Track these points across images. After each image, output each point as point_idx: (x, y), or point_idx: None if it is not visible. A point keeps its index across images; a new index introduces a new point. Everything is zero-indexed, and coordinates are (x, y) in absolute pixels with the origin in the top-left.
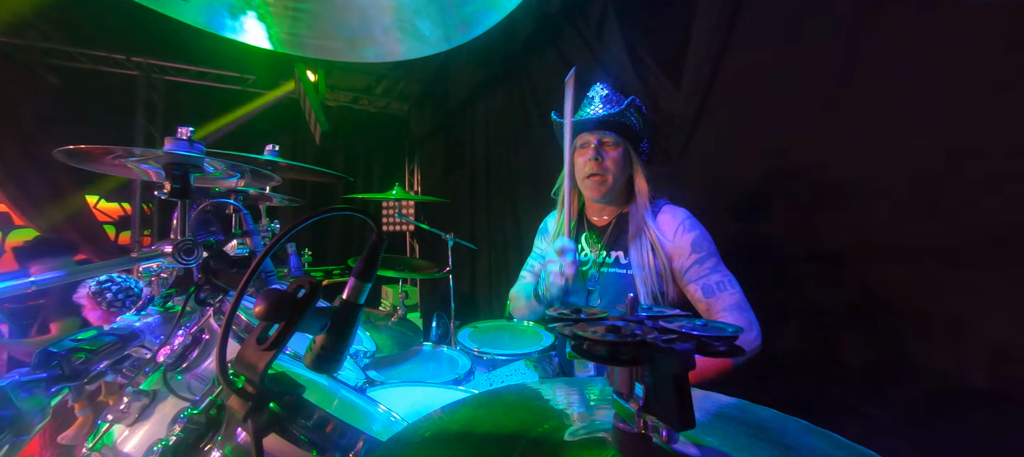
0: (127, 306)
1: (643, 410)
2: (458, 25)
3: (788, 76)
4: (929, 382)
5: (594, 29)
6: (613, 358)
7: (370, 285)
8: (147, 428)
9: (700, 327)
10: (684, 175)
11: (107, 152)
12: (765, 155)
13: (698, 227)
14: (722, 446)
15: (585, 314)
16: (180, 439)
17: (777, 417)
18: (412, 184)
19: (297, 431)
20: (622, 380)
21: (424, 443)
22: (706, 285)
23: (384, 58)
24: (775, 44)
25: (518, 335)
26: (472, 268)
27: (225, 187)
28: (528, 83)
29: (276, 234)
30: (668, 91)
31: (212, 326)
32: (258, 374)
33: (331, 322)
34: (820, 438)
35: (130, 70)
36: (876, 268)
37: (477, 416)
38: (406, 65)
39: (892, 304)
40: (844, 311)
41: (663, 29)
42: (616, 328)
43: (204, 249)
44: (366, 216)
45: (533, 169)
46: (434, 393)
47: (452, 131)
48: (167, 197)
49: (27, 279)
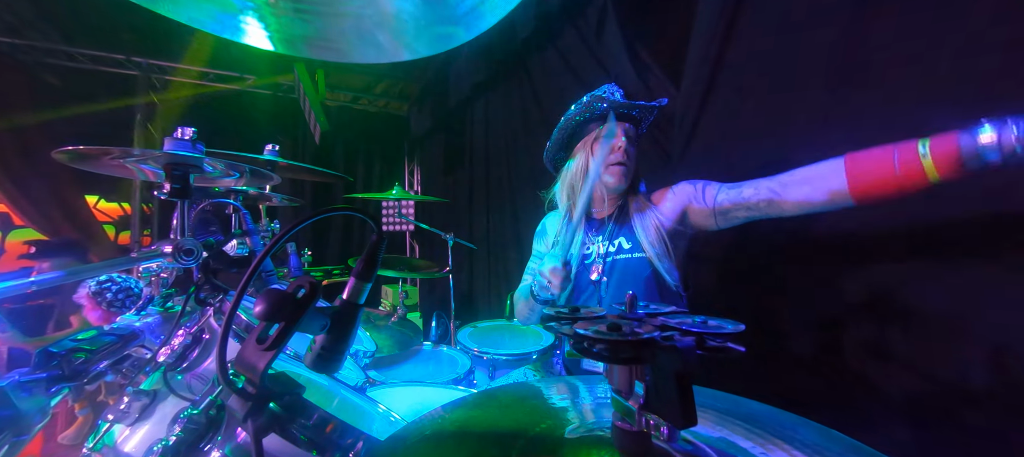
0: (127, 306)
1: (644, 408)
2: (451, 30)
3: (788, 75)
4: (929, 382)
5: (594, 29)
6: (614, 356)
7: (370, 285)
8: (147, 428)
9: (699, 323)
10: (684, 175)
11: (107, 152)
12: (765, 155)
13: (679, 181)
14: (718, 442)
15: (582, 312)
16: (180, 439)
17: (771, 412)
18: (412, 184)
19: (297, 431)
20: (622, 378)
21: (424, 442)
22: (733, 186)
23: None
24: (775, 44)
25: (518, 335)
26: (472, 268)
27: (225, 187)
28: (528, 83)
29: (276, 234)
30: (668, 91)
31: (212, 326)
32: (258, 374)
33: (331, 322)
34: (815, 432)
35: (130, 70)
36: (876, 268)
37: (476, 415)
38: (406, 65)
39: (892, 304)
40: (844, 311)
41: (663, 29)
42: (617, 326)
43: (204, 249)
44: (366, 216)
45: (533, 169)
46: (434, 393)
47: (452, 131)
48: (167, 197)
49: (27, 279)
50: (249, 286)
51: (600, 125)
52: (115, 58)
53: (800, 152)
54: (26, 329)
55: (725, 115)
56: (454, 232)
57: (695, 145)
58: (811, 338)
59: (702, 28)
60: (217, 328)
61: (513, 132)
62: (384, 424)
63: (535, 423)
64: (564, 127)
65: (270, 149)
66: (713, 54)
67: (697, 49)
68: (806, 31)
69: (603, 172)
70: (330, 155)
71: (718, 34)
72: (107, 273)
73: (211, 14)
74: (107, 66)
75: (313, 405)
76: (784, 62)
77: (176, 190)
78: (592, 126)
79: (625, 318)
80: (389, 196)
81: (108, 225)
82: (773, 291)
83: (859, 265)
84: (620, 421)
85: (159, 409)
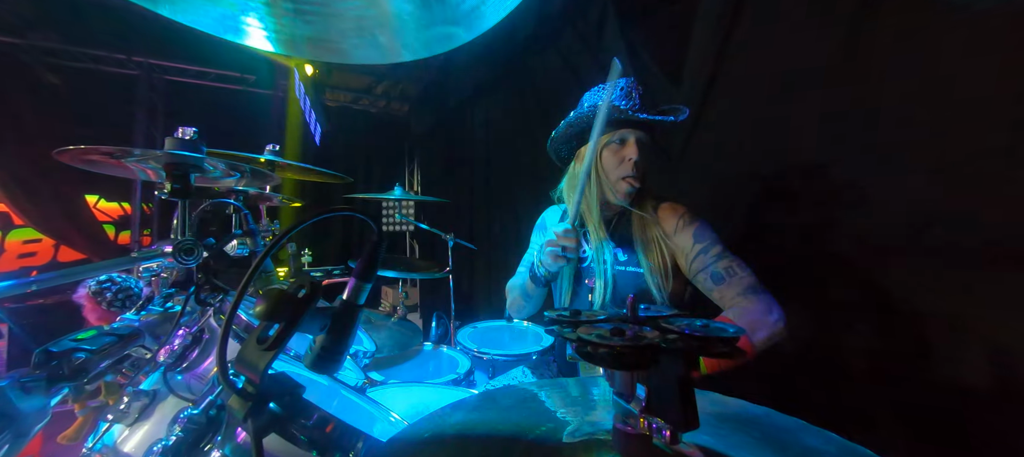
0: (127, 306)
1: (645, 411)
2: (449, 34)
3: (788, 75)
4: (930, 383)
5: (594, 29)
6: (617, 362)
7: (370, 286)
8: (147, 428)
9: (701, 328)
10: (684, 175)
11: (107, 152)
12: (765, 155)
13: (698, 219)
14: (720, 445)
15: (585, 316)
16: (180, 439)
17: (774, 416)
18: (412, 184)
19: (297, 431)
20: (623, 381)
21: (423, 444)
22: (714, 273)
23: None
24: (775, 43)
25: (518, 336)
26: (472, 268)
27: (225, 187)
28: (528, 83)
29: (276, 234)
30: (668, 91)
31: (212, 326)
32: (258, 374)
33: (331, 322)
34: (817, 437)
35: (130, 70)
36: (877, 268)
37: (476, 417)
38: (406, 65)
39: (893, 304)
40: (845, 311)
41: (663, 29)
42: (620, 331)
43: (204, 249)
44: (366, 217)
45: (533, 169)
46: (434, 393)
47: (452, 131)
48: (167, 197)
49: (27, 279)
50: (249, 286)
51: (612, 131)
52: (115, 58)
53: (800, 152)
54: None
55: (725, 115)
56: (454, 232)
57: (695, 145)
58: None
59: (702, 28)
60: (217, 328)
61: (513, 132)
62: (384, 424)
63: (534, 426)
64: (575, 123)
65: (270, 149)
66: (713, 54)
67: (697, 49)
68: (806, 31)
69: (611, 181)
70: (330, 155)
71: (718, 34)
72: (107, 273)
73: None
74: (107, 66)
75: (313, 405)
76: (784, 62)
77: (176, 190)
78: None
79: (627, 322)
80: (389, 196)
81: (108, 225)
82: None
83: (858, 271)
84: (621, 423)
85: (159, 409)
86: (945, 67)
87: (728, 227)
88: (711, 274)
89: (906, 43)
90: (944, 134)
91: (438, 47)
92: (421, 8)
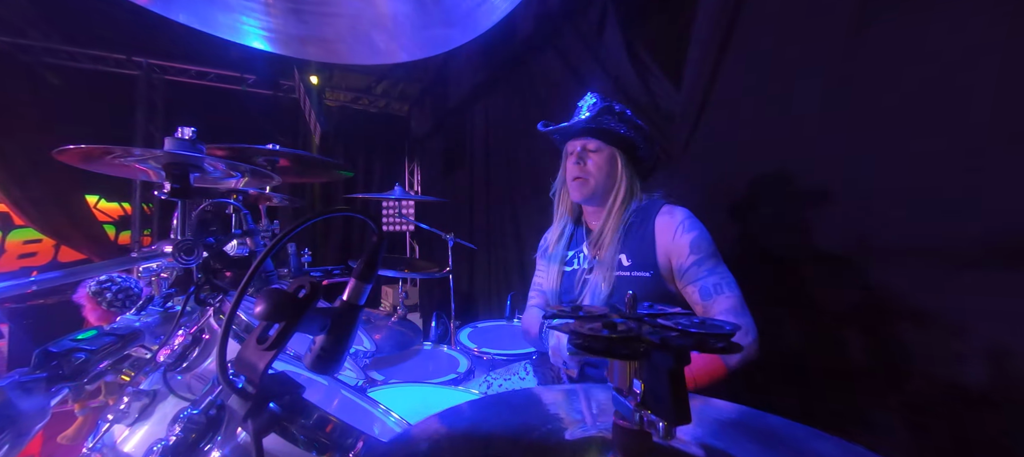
0: (127, 306)
1: (640, 405)
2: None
3: (788, 75)
4: (930, 383)
5: (594, 29)
6: (608, 351)
7: (370, 286)
8: (147, 428)
9: (697, 324)
10: (684, 175)
11: (107, 152)
12: (765, 155)
13: (698, 227)
14: (729, 450)
15: (584, 311)
16: (180, 439)
17: (786, 425)
18: (412, 184)
19: (297, 431)
20: (621, 376)
21: (424, 445)
22: (704, 287)
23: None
24: (775, 43)
25: (518, 335)
26: (472, 268)
27: (225, 187)
28: (528, 83)
29: (276, 234)
30: (668, 91)
31: (212, 326)
32: (258, 374)
33: (331, 323)
34: (830, 444)
35: (130, 70)
36: (877, 268)
37: (477, 418)
38: (406, 65)
39: (893, 304)
40: (845, 311)
41: (663, 29)
42: (612, 324)
43: (204, 249)
44: (366, 218)
45: (533, 169)
46: (434, 393)
47: (452, 131)
48: (167, 197)
49: (27, 279)
50: (249, 286)
51: (568, 142)
52: (115, 58)
53: (800, 152)
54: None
55: (725, 115)
56: (454, 232)
57: (695, 145)
58: (810, 351)
59: (702, 28)
60: (217, 328)
61: (513, 132)
62: (384, 424)
63: (537, 427)
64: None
65: (270, 148)
66: (713, 54)
67: (697, 49)
68: (806, 31)
69: (567, 185)
70: (330, 155)
71: (718, 34)
72: (107, 273)
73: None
74: (107, 66)
75: (313, 405)
76: (784, 62)
77: (176, 190)
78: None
79: (624, 317)
80: (389, 196)
81: (108, 225)
82: (778, 300)
83: (859, 271)
84: (620, 419)
85: (159, 409)
86: (946, 67)
87: (727, 227)
88: (700, 288)
89: (906, 43)
90: (944, 134)
91: (433, 48)
92: (417, 9)
